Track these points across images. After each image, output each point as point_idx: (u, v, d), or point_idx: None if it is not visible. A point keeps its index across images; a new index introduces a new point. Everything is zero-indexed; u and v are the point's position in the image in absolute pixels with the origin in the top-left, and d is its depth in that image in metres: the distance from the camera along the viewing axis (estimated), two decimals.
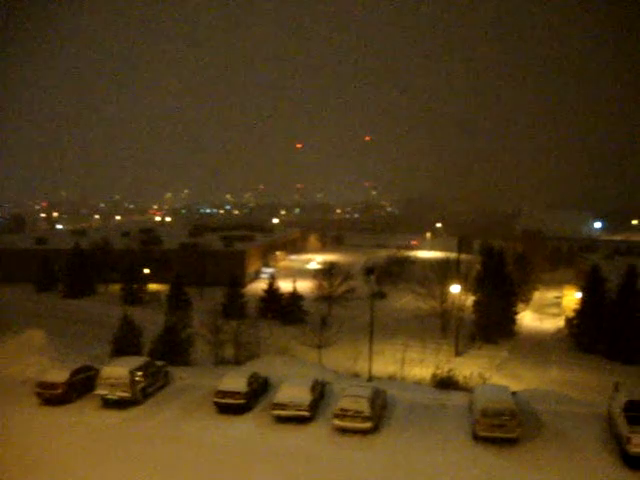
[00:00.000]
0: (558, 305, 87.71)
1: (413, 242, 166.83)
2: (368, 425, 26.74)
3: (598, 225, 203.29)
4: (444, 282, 65.52)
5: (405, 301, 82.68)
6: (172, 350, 42.37)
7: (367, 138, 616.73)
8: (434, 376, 37.87)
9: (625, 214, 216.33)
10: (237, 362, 43.21)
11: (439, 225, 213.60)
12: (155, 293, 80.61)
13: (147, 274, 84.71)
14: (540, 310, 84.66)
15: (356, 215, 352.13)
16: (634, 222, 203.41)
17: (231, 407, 29.61)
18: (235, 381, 30.43)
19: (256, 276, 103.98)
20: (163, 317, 47.44)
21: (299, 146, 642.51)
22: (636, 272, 60.27)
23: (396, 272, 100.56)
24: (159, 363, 34.82)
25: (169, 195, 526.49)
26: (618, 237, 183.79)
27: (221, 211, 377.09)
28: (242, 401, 29.54)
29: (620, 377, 38.76)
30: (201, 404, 30.77)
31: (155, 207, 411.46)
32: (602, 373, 50.24)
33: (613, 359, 56.07)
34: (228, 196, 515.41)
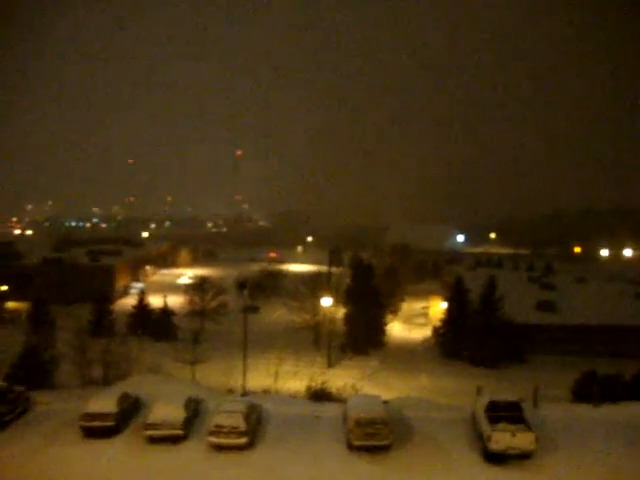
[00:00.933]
0: (425, 315, 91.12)
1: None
2: (244, 441, 26.47)
3: (461, 238, 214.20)
4: (316, 295, 66.43)
5: (278, 315, 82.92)
6: (33, 373, 39.82)
7: (238, 152, 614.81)
8: (308, 388, 38.12)
9: (484, 228, 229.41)
10: (106, 382, 41.36)
11: (310, 239, 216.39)
12: (14, 311, 75.65)
13: (4, 291, 79.40)
14: (408, 320, 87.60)
15: (224, 229, 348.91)
16: (492, 235, 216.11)
17: (99, 430, 28.17)
18: (103, 402, 29.09)
19: (125, 292, 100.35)
20: (23, 337, 44.57)
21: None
22: (495, 282, 64.20)
23: (269, 286, 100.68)
24: (18, 388, 32.61)
25: (30, 207, 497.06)
26: (479, 249, 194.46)
27: (88, 224, 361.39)
28: (111, 423, 28.24)
29: (483, 381, 40.84)
30: (66, 429, 29.06)
31: (14, 219, 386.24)
32: (467, 378, 52.70)
33: (477, 364, 59.21)
34: (95, 209, 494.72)
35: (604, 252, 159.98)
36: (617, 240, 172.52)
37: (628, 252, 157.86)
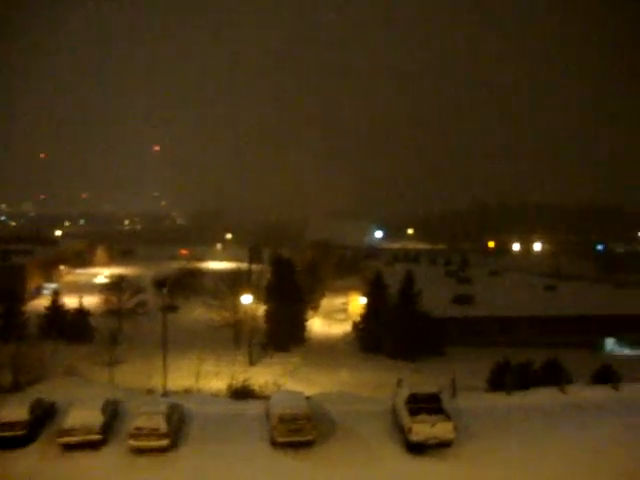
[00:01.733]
0: (345, 310, 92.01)
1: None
2: (165, 442, 26.00)
3: (379, 234, 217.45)
4: (236, 293, 65.93)
5: (198, 313, 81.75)
6: None
7: (156, 148, 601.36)
8: (230, 387, 37.86)
9: (402, 224, 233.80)
10: (17, 388, 39.62)
11: (229, 236, 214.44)
12: None
13: None
14: (329, 316, 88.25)
15: (138, 227, 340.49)
16: (409, 231, 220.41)
17: (10, 440, 26.75)
18: (14, 410, 27.77)
19: (37, 292, 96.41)
20: None
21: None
22: (413, 277, 65.67)
23: (188, 284, 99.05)
24: None
25: None
26: (396, 245, 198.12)
27: None
28: (23, 432, 26.98)
29: (403, 374, 41.75)
30: None
31: None
32: (387, 371, 53.52)
33: (397, 358, 60.32)
34: (3, 205, 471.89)
35: (516, 246, 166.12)
36: (528, 234, 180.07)
37: (537, 246, 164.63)
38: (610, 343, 70.16)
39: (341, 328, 78.09)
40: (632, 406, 32.77)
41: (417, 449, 25.83)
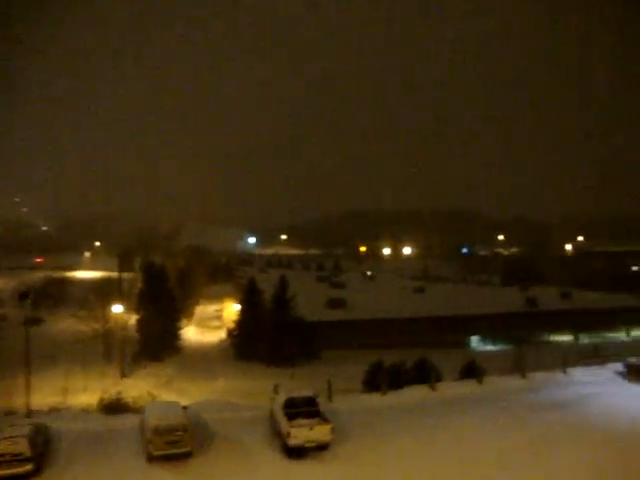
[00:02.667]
0: (219, 317, 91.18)
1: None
2: (29, 467, 24.20)
3: (252, 240, 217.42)
4: (106, 303, 63.47)
5: (65, 325, 77.73)
6: None
7: None
8: (101, 401, 36.30)
9: (275, 229, 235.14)
10: None
11: (98, 244, 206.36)
12: None
13: None
14: (203, 324, 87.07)
15: None
16: (283, 237, 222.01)
17: None
18: None
19: None
20: None
21: None
22: (287, 282, 66.07)
23: (54, 295, 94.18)
24: None
25: None
26: (270, 251, 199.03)
27: None
28: None
29: (280, 379, 41.69)
30: None
31: None
32: (264, 378, 53.34)
33: (273, 364, 60.35)
34: None
35: (386, 250, 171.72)
36: (398, 239, 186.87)
37: (407, 250, 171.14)
38: (475, 340, 74.16)
39: (216, 335, 77.26)
40: (493, 398, 34.97)
41: (296, 453, 25.89)
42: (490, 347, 72.55)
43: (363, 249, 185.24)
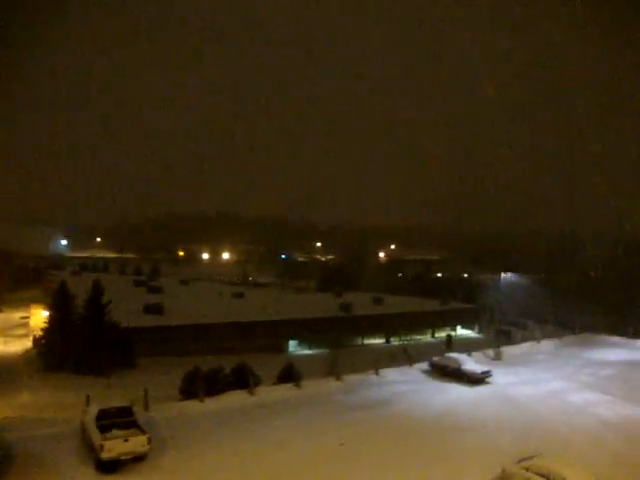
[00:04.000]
0: (26, 325, 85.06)
1: None
2: None
3: (64, 242, 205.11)
4: None
5: None
6: None
7: None
8: None
9: (90, 231, 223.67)
10: None
11: None
12: None
13: None
14: (5, 332, 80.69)
15: None
16: (98, 239, 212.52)
17: None
18: None
19: None
20: None
21: None
22: (102, 287, 63.05)
23: None
24: None
25: None
26: (84, 254, 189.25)
27: None
28: None
29: (93, 390, 39.79)
30: None
31: None
32: (76, 389, 50.18)
33: (85, 373, 56.75)
34: None
35: (205, 255, 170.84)
36: (218, 244, 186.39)
37: (226, 255, 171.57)
38: (293, 345, 75.92)
39: (21, 345, 71.93)
40: (310, 400, 36.24)
41: (110, 467, 24.78)
42: (307, 351, 74.66)
43: (182, 253, 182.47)
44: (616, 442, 29.31)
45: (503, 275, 71.81)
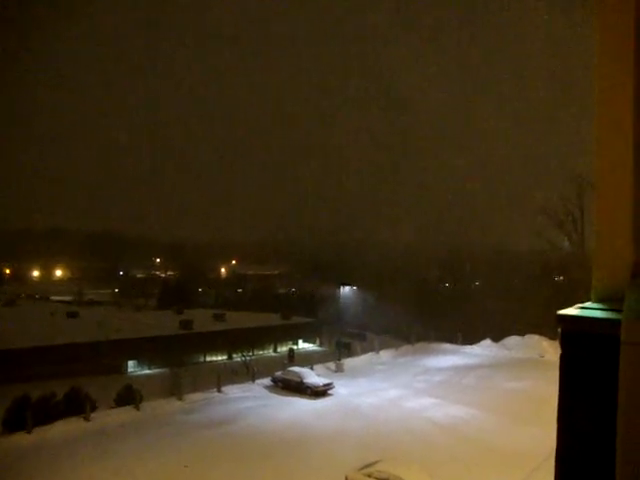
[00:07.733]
0: None
1: None
2: None
3: None
4: None
5: None
6: None
7: None
8: None
9: None
10: None
11: None
12: None
13: None
14: None
15: None
16: None
17: None
18: None
19: None
20: None
21: None
22: None
23: None
24: None
25: None
26: None
27: None
28: None
29: None
30: None
31: None
32: None
33: None
34: None
35: (35, 272, 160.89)
36: (51, 260, 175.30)
37: (59, 272, 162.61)
38: (132, 365, 72.88)
39: None
40: (151, 422, 34.96)
41: None
42: (147, 371, 71.96)
43: (7, 270, 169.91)
44: (448, 441, 30.96)
45: (342, 288, 73.53)
